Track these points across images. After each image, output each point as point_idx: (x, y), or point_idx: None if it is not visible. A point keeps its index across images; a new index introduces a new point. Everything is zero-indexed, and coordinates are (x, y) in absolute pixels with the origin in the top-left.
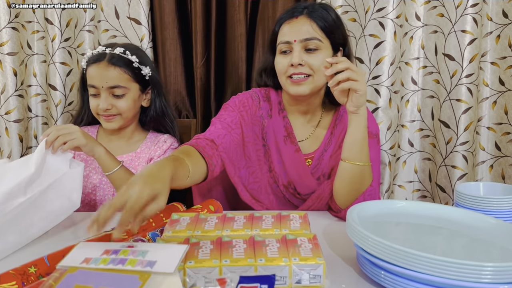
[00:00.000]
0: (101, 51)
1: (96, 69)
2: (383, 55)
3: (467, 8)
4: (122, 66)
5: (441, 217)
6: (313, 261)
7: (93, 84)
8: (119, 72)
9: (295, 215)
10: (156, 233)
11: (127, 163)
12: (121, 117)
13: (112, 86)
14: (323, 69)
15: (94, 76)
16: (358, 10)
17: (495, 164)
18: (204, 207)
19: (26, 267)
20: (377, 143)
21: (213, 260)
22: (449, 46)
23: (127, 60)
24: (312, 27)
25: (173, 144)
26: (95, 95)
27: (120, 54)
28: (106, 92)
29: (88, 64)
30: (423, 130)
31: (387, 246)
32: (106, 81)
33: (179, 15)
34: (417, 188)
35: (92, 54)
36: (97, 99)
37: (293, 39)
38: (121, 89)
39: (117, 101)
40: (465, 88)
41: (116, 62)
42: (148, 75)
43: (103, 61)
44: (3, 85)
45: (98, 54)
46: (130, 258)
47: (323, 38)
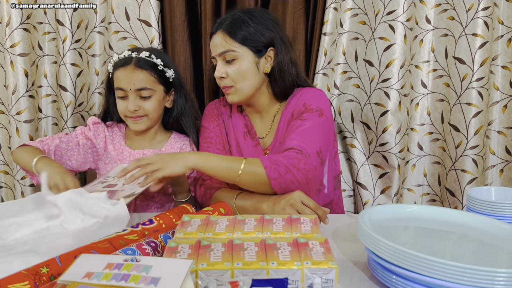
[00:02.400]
0: (127, 55)
1: (124, 73)
2: (393, 58)
3: (478, 11)
4: (148, 69)
5: (453, 222)
6: (325, 265)
7: (121, 87)
8: (145, 74)
9: (306, 218)
10: (168, 235)
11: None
12: (147, 118)
13: (139, 88)
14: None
15: (122, 79)
16: (368, 13)
17: (505, 168)
18: (215, 210)
19: (38, 268)
20: (318, 116)
21: (225, 263)
22: (460, 50)
23: (152, 63)
24: (225, 40)
25: (194, 150)
26: (123, 98)
27: (145, 58)
28: (133, 94)
29: (115, 68)
30: (433, 133)
31: (399, 250)
32: (133, 84)
33: (189, 17)
34: (426, 192)
35: (119, 58)
36: (125, 101)
37: (214, 54)
38: (148, 91)
39: (144, 103)
40: (476, 91)
41: (143, 65)
42: (171, 77)
43: (130, 65)
44: (14, 85)
45: (125, 58)
46: (133, 273)
47: (238, 47)
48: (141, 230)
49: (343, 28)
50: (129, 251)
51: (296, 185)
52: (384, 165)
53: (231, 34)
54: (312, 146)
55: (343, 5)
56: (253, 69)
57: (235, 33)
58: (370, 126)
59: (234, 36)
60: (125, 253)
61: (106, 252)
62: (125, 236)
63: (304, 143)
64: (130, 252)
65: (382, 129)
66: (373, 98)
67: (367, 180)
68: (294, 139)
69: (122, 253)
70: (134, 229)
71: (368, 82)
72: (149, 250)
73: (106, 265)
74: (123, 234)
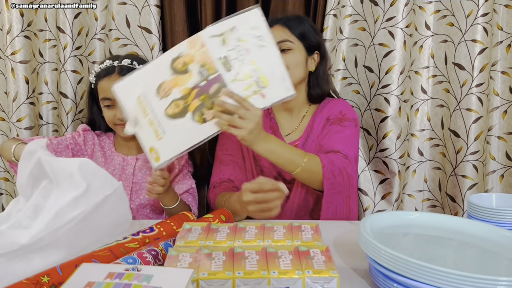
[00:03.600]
0: (109, 64)
1: (108, 82)
2: (392, 64)
3: (477, 17)
4: None
5: (454, 229)
6: (326, 274)
7: (107, 97)
8: None
9: (307, 225)
10: (169, 243)
11: (143, 163)
12: None
13: None
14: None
15: (107, 88)
16: (367, 19)
17: (506, 174)
18: (215, 217)
19: (39, 277)
20: (355, 126)
21: (226, 272)
22: (459, 56)
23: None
24: (284, 32)
25: (187, 161)
26: (110, 106)
27: (128, 65)
28: None
29: (98, 78)
30: (433, 139)
31: (400, 258)
32: None
33: (189, 24)
34: (426, 197)
35: (100, 68)
36: (112, 110)
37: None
38: None
39: None
40: (475, 97)
41: (126, 73)
42: None
43: (113, 74)
44: (15, 92)
45: (107, 68)
46: (134, 283)
47: (295, 40)
48: (141, 238)
49: (343, 35)
50: (130, 260)
51: (340, 188)
52: (385, 171)
53: (291, 28)
54: (353, 153)
55: (342, 11)
56: (303, 63)
57: (295, 28)
58: (370, 132)
59: (293, 30)
60: (126, 261)
61: (107, 261)
62: (125, 244)
63: (347, 149)
64: (131, 261)
65: (382, 135)
66: (373, 104)
67: (367, 186)
68: (338, 143)
69: (123, 261)
70: (135, 237)
71: (368, 88)
72: (150, 259)
73: (107, 275)
74: (124, 242)
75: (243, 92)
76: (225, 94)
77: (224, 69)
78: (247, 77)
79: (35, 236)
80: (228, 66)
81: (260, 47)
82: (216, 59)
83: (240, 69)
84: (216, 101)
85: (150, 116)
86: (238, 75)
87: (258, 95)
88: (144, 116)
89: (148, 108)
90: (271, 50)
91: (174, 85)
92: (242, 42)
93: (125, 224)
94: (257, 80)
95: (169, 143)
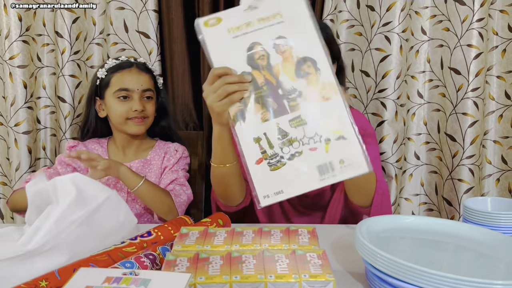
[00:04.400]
0: (125, 59)
1: (129, 74)
2: (389, 68)
3: (472, 22)
4: (149, 73)
5: (449, 233)
6: (323, 278)
7: (126, 87)
8: (149, 77)
9: (304, 229)
10: (167, 247)
11: (137, 170)
12: (147, 121)
13: (146, 89)
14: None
15: (128, 80)
16: (364, 24)
17: (502, 178)
18: (213, 221)
19: (37, 281)
20: (376, 142)
21: (223, 276)
22: (455, 60)
23: (150, 69)
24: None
25: (184, 152)
26: (125, 98)
27: (145, 63)
28: (138, 95)
29: (113, 71)
30: (429, 143)
31: (396, 263)
32: (141, 84)
33: (187, 29)
34: (423, 201)
35: (116, 63)
36: (126, 103)
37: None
38: (151, 92)
39: (147, 104)
40: (471, 101)
41: (145, 69)
42: (160, 86)
43: (133, 67)
44: (13, 97)
45: (124, 62)
46: (132, 287)
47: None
48: (139, 242)
49: (340, 39)
50: (127, 264)
51: (377, 207)
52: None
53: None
54: (381, 174)
55: (339, 16)
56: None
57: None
58: None
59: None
60: (123, 266)
61: (105, 265)
62: (123, 248)
63: (377, 172)
64: (129, 265)
65: (379, 139)
66: (369, 108)
67: None
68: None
69: (120, 266)
70: (133, 241)
71: (364, 92)
72: (148, 263)
73: (105, 279)
74: (121, 246)
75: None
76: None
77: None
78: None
79: (39, 241)
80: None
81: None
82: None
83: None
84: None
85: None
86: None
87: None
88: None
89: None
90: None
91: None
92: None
93: (130, 226)
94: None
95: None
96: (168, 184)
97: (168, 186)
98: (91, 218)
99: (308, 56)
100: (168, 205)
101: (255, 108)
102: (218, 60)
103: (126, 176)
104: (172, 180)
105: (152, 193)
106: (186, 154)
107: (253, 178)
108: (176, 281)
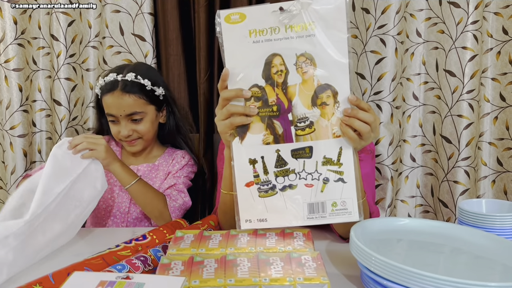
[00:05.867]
0: (113, 78)
1: (111, 98)
2: (384, 71)
3: (467, 25)
4: (136, 92)
5: (444, 235)
6: (317, 281)
7: (111, 113)
8: (133, 98)
9: (299, 232)
10: (158, 249)
11: (144, 173)
12: (142, 140)
13: (130, 113)
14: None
15: (111, 105)
16: (359, 27)
17: (497, 179)
18: (204, 223)
19: (31, 285)
20: (371, 158)
21: (217, 280)
22: (450, 62)
23: (140, 85)
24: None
25: (190, 160)
26: (114, 122)
27: (132, 80)
28: (125, 120)
29: (102, 93)
30: (425, 145)
31: (391, 265)
32: (123, 110)
33: (183, 32)
34: (419, 203)
35: (105, 82)
36: (117, 126)
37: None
38: (139, 114)
39: (137, 126)
40: (466, 103)
41: (130, 89)
42: (161, 95)
43: (116, 90)
44: (9, 100)
45: (111, 82)
46: None
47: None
48: (134, 245)
49: None
50: (119, 266)
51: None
52: (378, 177)
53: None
54: (371, 198)
55: None
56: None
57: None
58: None
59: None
60: (115, 268)
61: (99, 269)
62: (118, 252)
63: (369, 192)
64: (120, 267)
65: (375, 141)
66: None
67: None
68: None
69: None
70: (127, 244)
71: (360, 95)
72: (139, 264)
73: (98, 283)
74: (116, 250)
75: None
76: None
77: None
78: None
79: (34, 213)
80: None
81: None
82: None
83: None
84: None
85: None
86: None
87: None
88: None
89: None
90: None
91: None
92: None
93: (97, 197)
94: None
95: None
96: (167, 188)
97: (166, 190)
98: (71, 189)
99: (330, 85)
100: (159, 210)
101: (258, 127)
102: (232, 64)
103: (117, 173)
104: (171, 185)
105: (144, 195)
106: (192, 163)
107: (239, 199)
108: (170, 285)
